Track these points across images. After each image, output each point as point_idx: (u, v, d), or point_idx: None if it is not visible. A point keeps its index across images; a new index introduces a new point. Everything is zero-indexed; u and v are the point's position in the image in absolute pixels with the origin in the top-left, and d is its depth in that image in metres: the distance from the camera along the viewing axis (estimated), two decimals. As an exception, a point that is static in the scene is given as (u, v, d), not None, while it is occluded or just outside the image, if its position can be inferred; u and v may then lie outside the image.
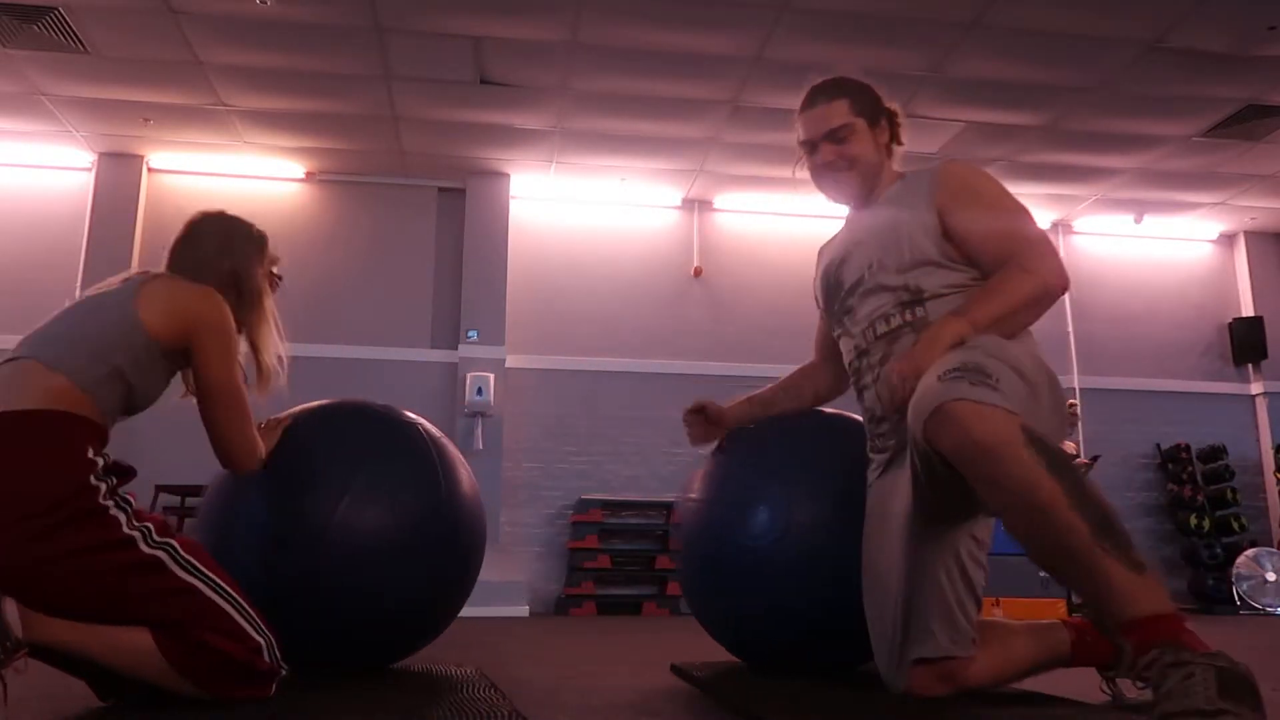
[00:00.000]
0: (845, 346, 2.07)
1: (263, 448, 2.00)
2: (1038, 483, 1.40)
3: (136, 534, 1.71)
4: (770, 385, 2.35)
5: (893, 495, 1.89)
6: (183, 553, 1.74)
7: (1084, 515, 1.38)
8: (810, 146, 2.09)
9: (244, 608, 1.76)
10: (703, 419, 2.29)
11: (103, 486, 1.71)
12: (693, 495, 2.31)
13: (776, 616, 2.11)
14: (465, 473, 2.27)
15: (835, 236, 2.20)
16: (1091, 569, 1.36)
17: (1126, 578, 1.35)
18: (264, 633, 1.78)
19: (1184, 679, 1.24)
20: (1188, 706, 1.21)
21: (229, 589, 1.76)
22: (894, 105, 2.17)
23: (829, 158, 2.06)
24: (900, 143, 2.16)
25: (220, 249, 2.04)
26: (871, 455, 2.03)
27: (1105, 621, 1.42)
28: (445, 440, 2.30)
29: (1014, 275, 1.84)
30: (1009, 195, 1.96)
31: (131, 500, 1.77)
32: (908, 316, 1.92)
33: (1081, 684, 2.02)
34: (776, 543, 2.08)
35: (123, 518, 1.71)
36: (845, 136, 2.06)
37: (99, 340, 1.83)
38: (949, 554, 1.84)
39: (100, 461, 1.73)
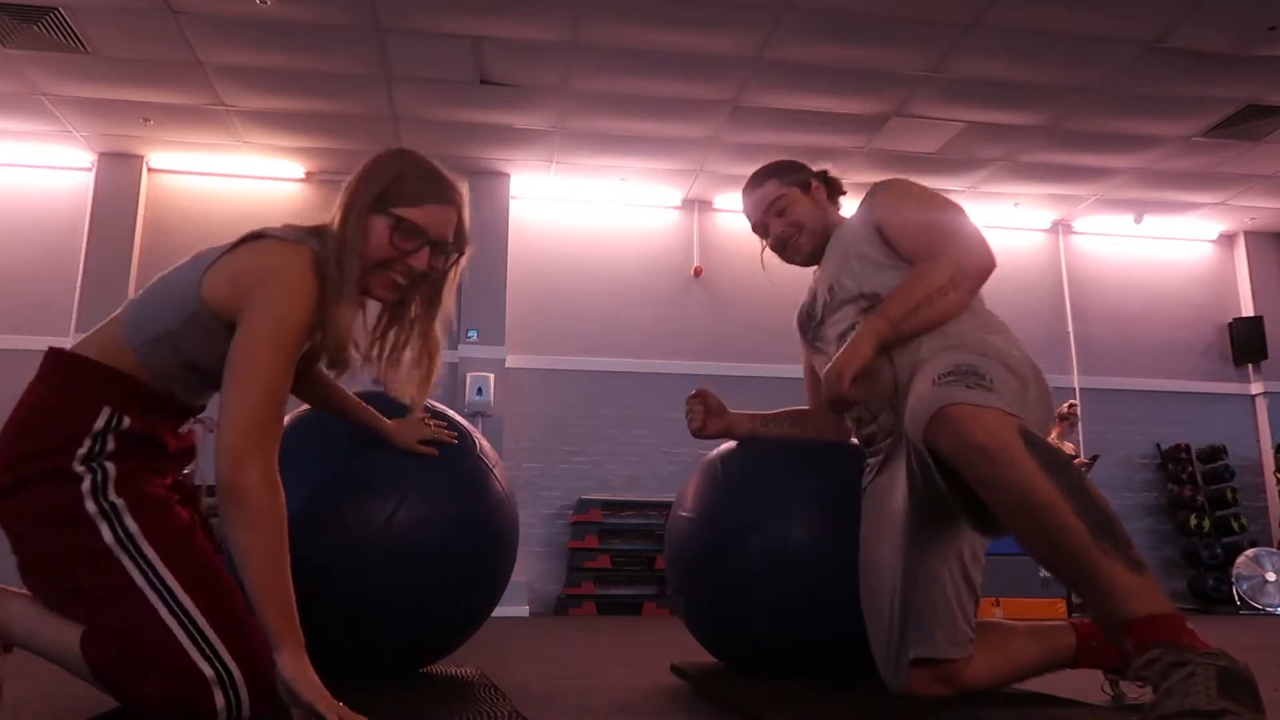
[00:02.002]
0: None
1: (266, 460, 1.45)
2: (1036, 484, 1.41)
3: (94, 509, 1.48)
4: (776, 411, 2.37)
5: (889, 496, 1.90)
6: (146, 547, 1.49)
7: (1082, 516, 1.39)
8: (761, 228, 2.26)
9: (199, 631, 1.46)
10: (703, 406, 2.32)
11: (87, 447, 1.50)
12: (685, 512, 2.32)
13: (773, 629, 2.12)
14: (502, 472, 2.26)
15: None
16: (1091, 569, 1.37)
17: (1126, 578, 1.36)
18: (221, 663, 1.45)
19: (1185, 678, 1.24)
20: (1189, 706, 1.21)
21: (186, 602, 1.47)
22: (824, 167, 2.32)
23: (779, 230, 2.21)
24: (843, 192, 2.32)
25: (349, 194, 1.65)
26: (867, 461, 2.05)
27: (1104, 622, 1.42)
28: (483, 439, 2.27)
29: (924, 266, 1.92)
30: (937, 196, 2.06)
31: (110, 470, 1.51)
32: None
33: (1082, 684, 2.02)
34: (773, 559, 2.08)
35: (87, 487, 1.49)
36: (784, 208, 2.20)
37: (161, 301, 1.60)
38: (951, 553, 1.84)
39: (107, 423, 1.53)
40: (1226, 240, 9.00)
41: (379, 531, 1.93)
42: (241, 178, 7.62)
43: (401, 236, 1.62)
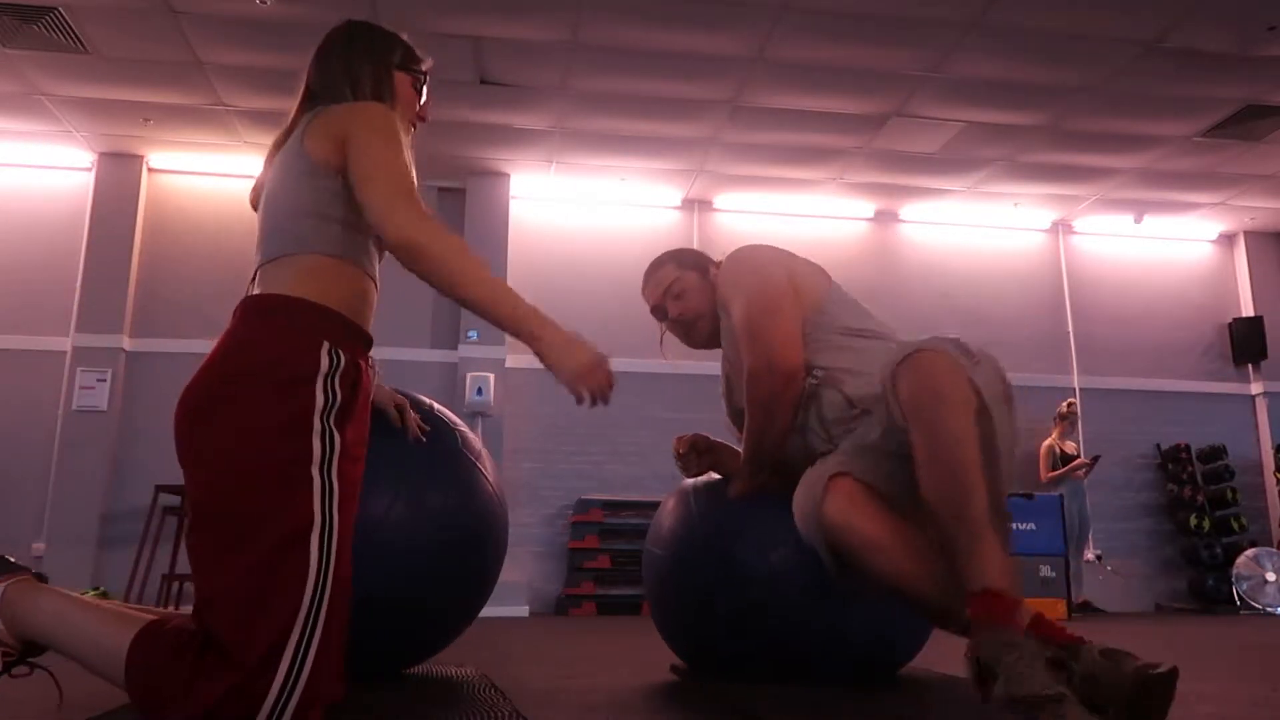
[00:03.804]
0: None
1: (419, 206, 1.58)
2: (968, 445, 1.51)
3: (318, 481, 1.47)
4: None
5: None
6: (333, 544, 1.45)
7: (990, 489, 1.49)
8: (659, 312, 2.37)
9: (307, 646, 1.40)
10: (696, 455, 2.36)
11: (323, 400, 1.51)
12: (658, 549, 2.35)
13: (769, 658, 2.13)
14: (492, 469, 2.25)
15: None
16: (977, 533, 1.47)
17: (1000, 554, 1.46)
18: (293, 685, 1.38)
19: (1018, 659, 1.32)
20: (1028, 691, 1.29)
21: (321, 616, 1.42)
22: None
23: (675, 314, 2.33)
24: None
25: (349, 62, 1.80)
26: None
27: (960, 581, 1.49)
28: (473, 436, 2.26)
29: (747, 409, 2.08)
30: (743, 312, 2.09)
31: (338, 441, 1.51)
32: None
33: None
34: (761, 588, 2.09)
35: (318, 453, 1.48)
36: (679, 291, 2.31)
37: (310, 201, 1.63)
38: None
39: (331, 363, 1.54)
40: (1226, 240, 9.00)
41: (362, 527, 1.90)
42: (241, 178, 7.61)
43: (419, 90, 1.89)
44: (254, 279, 1.66)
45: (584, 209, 8.11)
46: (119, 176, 7.43)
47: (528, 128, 7.03)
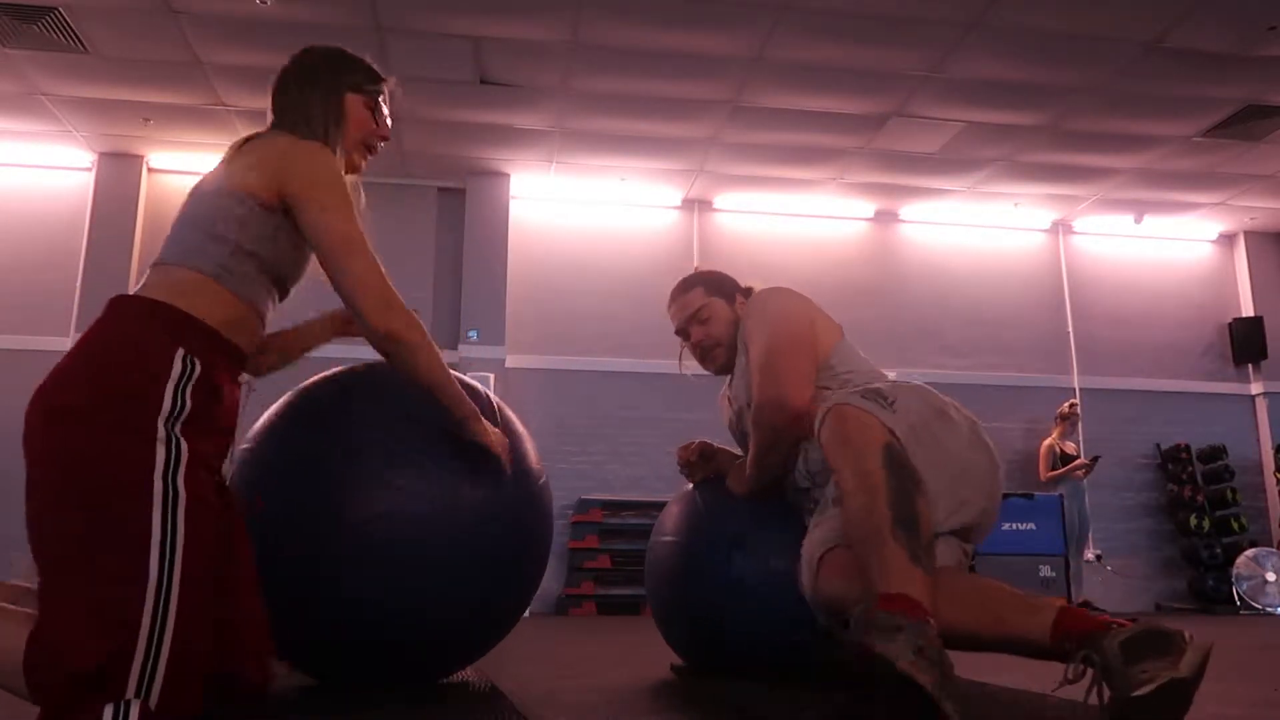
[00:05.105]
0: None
1: (399, 301, 1.71)
2: (875, 473, 1.63)
3: (160, 490, 1.46)
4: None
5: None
6: (179, 551, 1.45)
7: (892, 508, 1.60)
8: (683, 334, 2.44)
9: (163, 626, 1.42)
10: (702, 461, 2.44)
11: (169, 407, 1.51)
12: (667, 536, 2.39)
13: (767, 654, 2.14)
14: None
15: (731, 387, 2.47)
16: (880, 546, 1.58)
17: (901, 562, 1.55)
18: (156, 654, 1.40)
19: (893, 635, 1.41)
20: (882, 646, 1.39)
21: (173, 610, 1.43)
22: (750, 285, 2.43)
23: (698, 338, 2.40)
24: None
25: (301, 90, 1.81)
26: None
27: (869, 593, 1.58)
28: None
29: (753, 432, 2.18)
30: (764, 346, 2.16)
31: (184, 451, 1.50)
32: None
33: (1077, 685, 2.01)
34: (761, 581, 2.12)
35: (161, 461, 1.48)
36: (706, 317, 2.39)
37: (206, 218, 1.66)
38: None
39: (183, 371, 1.54)
40: (1226, 240, 8.99)
41: (373, 524, 1.80)
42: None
43: (377, 110, 1.88)
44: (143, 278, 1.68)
45: (584, 209, 8.11)
46: (119, 176, 7.43)
47: (528, 128, 7.03)
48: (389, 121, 1.93)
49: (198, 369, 1.57)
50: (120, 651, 1.38)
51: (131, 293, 1.64)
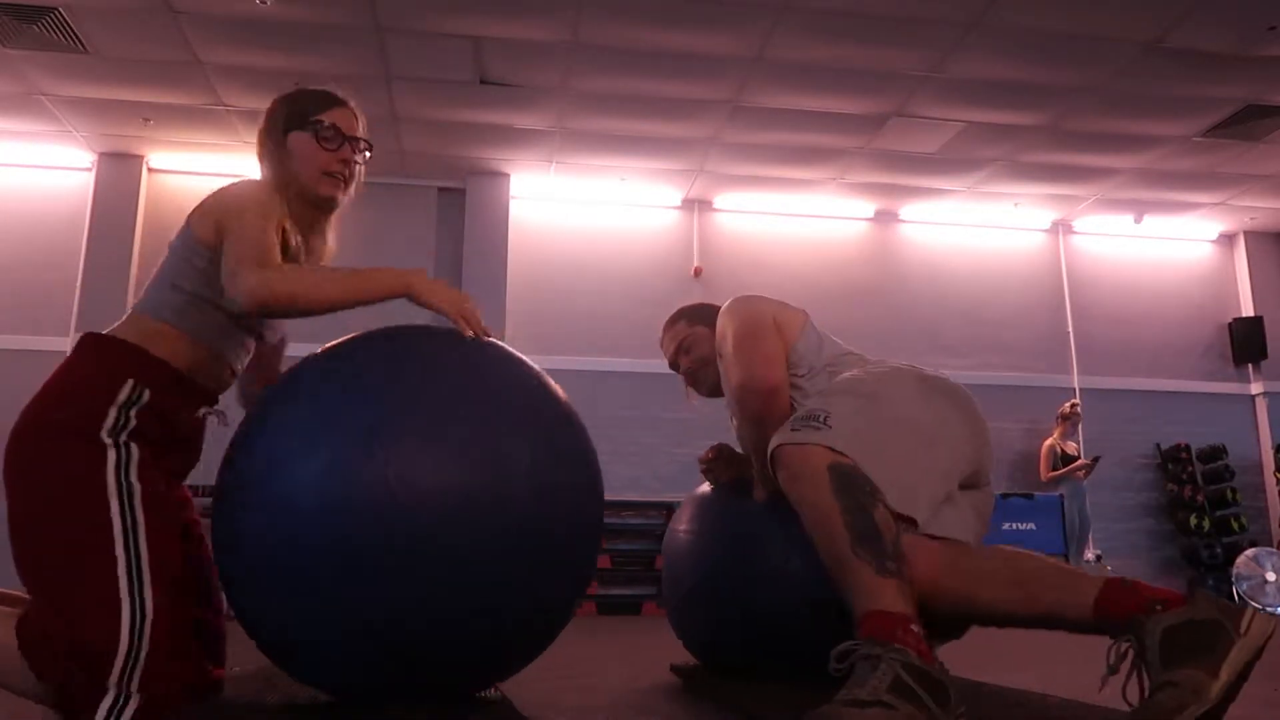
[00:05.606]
0: None
1: (260, 268, 1.64)
2: (823, 500, 1.67)
3: (113, 484, 1.57)
4: None
5: None
6: (143, 540, 1.55)
7: (850, 527, 1.62)
8: (674, 367, 2.53)
9: (140, 609, 1.52)
10: (723, 464, 2.44)
11: (112, 419, 1.61)
12: (683, 528, 2.38)
13: (777, 649, 2.13)
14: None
15: None
16: (846, 569, 1.61)
17: (869, 580, 1.57)
18: (138, 644, 1.50)
19: (868, 670, 1.43)
20: (852, 695, 1.40)
21: (149, 603, 1.52)
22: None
23: (686, 366, 2.48)
24: None
25: (261, 144, 1.93)
26: None
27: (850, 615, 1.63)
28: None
29: (739, 425, 2.19)
30: (730, 337, 2.19)
31: (135, 453, 1.61)
32: None
33: (1078, 685, 2.02)
34: (778, 576, 2.10)
35: (112, 461, 1.59)
36: (689, 345, 2.47)
37: (170, 272, 1.78)
38: None
39: (129, 396, 1.63)
40: (1226, 240, 8.99)
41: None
42: (242, 178, 7.61)
43: (324, 138, 1.88)
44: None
45: (584, 209, 8.11)
46: (119, 176, 7.42)
47: (528, 128, 7.03)
48: (355, 143, 1.94)
49: (146, 396, 1.66)
50: (105, 630, 1.49)
51: (103, 332, 1.76)
